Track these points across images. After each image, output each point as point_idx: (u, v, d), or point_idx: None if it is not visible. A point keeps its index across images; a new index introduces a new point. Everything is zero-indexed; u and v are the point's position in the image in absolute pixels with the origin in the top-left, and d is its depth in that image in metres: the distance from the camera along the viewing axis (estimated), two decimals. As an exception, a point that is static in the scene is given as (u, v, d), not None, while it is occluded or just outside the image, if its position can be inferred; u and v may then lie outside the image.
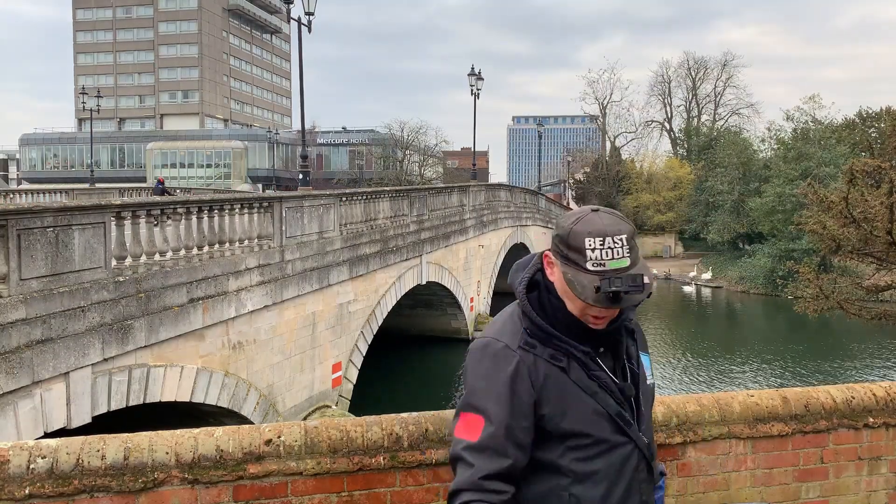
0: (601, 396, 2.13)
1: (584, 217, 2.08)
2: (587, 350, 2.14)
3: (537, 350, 2.11)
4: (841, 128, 50.12)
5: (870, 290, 19.52)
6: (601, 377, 2.15)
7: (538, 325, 2.13)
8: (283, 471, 2.95)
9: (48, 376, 8.22)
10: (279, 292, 13.40)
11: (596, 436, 2.12)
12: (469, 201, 28.81)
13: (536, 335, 2.13)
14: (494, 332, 2.18)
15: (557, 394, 2.10)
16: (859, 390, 3.94)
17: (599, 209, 2.11)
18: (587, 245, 2.01)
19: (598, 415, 2.12)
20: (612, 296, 1.99)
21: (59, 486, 2.72)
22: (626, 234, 2.04)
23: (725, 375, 25.98)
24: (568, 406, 2.10)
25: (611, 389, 2.15)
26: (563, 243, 2.06)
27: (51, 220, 8.42)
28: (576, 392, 2.11)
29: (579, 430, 2.11)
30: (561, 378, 2.11)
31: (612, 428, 2.14)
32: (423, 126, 73.27)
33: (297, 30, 23.94)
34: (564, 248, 2.06)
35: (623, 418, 2.16)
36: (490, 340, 2.15)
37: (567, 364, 2.12)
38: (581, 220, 2.06)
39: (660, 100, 77.44)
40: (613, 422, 2.14)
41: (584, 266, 2.01)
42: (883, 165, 17.01)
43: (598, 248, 2.01)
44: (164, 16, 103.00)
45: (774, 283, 40.28)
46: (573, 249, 2.04)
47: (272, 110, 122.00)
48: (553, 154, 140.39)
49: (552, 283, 2.15)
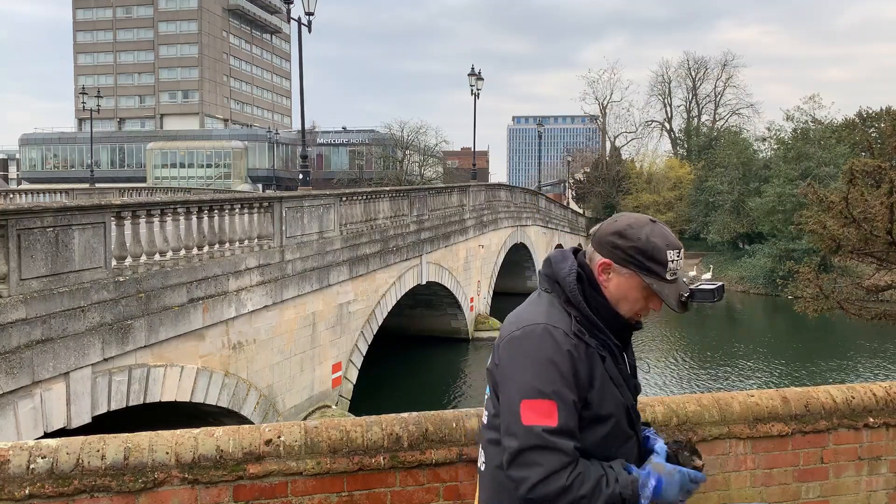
0: (624, 389, 2.27)
1: (654, 229, 2.23)
2: (619, 344, 2.29)
3: (586, 338, 2.20)
4: (841, 128, 50.06)
5: (870, 290, 19.51)
6: (624, 371, 2.31)
7: (586, 316, 2.23)
8: (283, 471, 2.95)
9: (48, 376, 8.22)
10: (279, 292, 13.40)
11: (621, 425, 2.25)
12: (469, 201, 28.80)
13: (584, 324, 2.22)
14: (546, 318, 2.21)
15: (599, 381, 2.20)
16: (859, 390, 3.94)
17: (656, 220, 2.27)
18: (669, 258, 2.20)
19: (622, 406, 2.26)
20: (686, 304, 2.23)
21: (59, 486, 2.72)
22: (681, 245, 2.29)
23: (725, 375, 25.98)
24: (605, 394, 2.20)
25: (629, 383, 2.32)
26: (643, 255, 2.20)
27: (51, 220, 8.42)
28: (609, 382, 2.22)
29: (611, 418, 2.22)
30: (600, 366, 2.21)
31: (626, 420, 2.28)
32: (423, 126, 73.21)
33: (297, 30, 23.96)
34: (644, 259, 2.20)
35: (635, 411, 2.33)
36: (546, 325, 2.18)
37: (605, 355, 2.23)
38: (655, 233, 2.22)
39: (660, 100, 77.48)
40: (629, 414, 2.29)
41: (665, 276, 2.20)
42: (883, 165, 17.01)
43: (676, 259, 2.22)
44: (164, 16, 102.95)
45: (774, 283, 40.25)
46: (655, 261, 2.20)
47: (272, 110, 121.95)
48: (553, 154, 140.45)
49: (595, 281, 2.27)
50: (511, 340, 2.21)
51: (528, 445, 2.07)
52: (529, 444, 2.07)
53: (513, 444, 2.09)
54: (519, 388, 2.12)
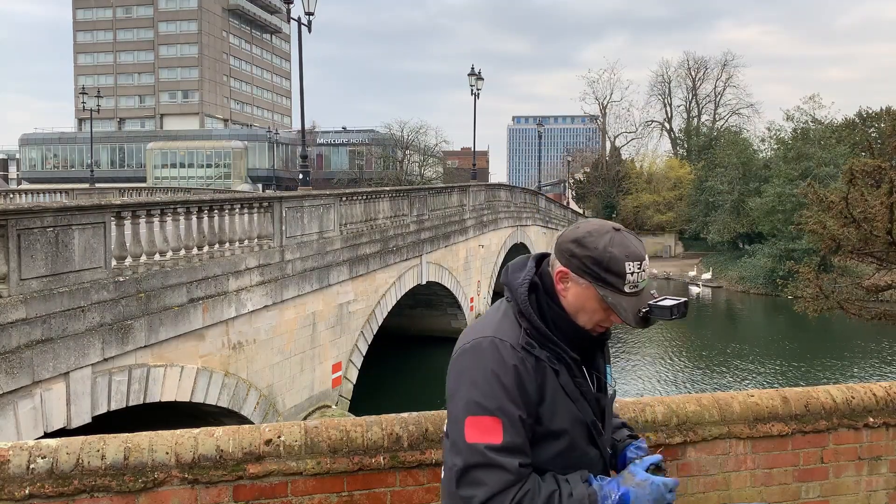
0: (581, 404, 2.16)
1: (615, 238, 2.09)
2: (576, 357, 2.16)
3: (536, 351, 2.11)
4: (841, 128, 50.07)
5: (870, 290, 19.50)
6: (583, 385, 2.18)
7: (537, 328, 2.13)
8: (283, 471, 2.95)
9: (48, 376, 8.22)
10: (279, 292, 13.40)
11: (577, 442, 2.15)
12: (469, 201, 28.81)
13: (535, 337, 2.13)
14: (494, 331, 2.13)
15: (551, 396, 2.11)
16: (859, 390, 3.94)
17: (620, 228, 2.14)
18: (628, 270, 2.06)
19: (578, 422, 2.15)
20: (647, 320, 2.09)
21: (59, 486, 2.72)
22: (646, 255, 2.12)
23: (725, 375, 25.99)
24: (557, 409, 2.11)
25: (588, 398, 2.19)
26: (599, 266, 2.06)
27: (51, 220, 8.42)
28: (563, 397, 2.12)
29: (564, 434, 2.13)
30: (553, 381, 2.11)
31: (586, 436, 2.18)
32: (422, 126, 73.28)
33: (297, 30, 23.97)
34: (600, 270, 2.06)
35: (596, 427, 2.20)
36: (493, 339, 2.11)
37: (559, 368, 2.13)
38: (615, 243, 2.07)
39: (660, 100, 77.62)
40: (588, 430, 2.18)
41: (623, 289, 2.06)
42: (883, 165, 16.99)
43: (637, 271, 2.07)
44: (164, 16, 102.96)
45: (774, 283, 40.24)
46: (612, 273, 2.06)
47: (272, 110, 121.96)
48: (553, 154, 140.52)
49: (554, 290, 2.16)
50: (460, 354, 2.15)
51: (472, 463, 2.00)
52: (473, 462, 2.00)
53: (458, 462, 2.03)
54: (464, 405, 2.06)
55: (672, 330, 35.40)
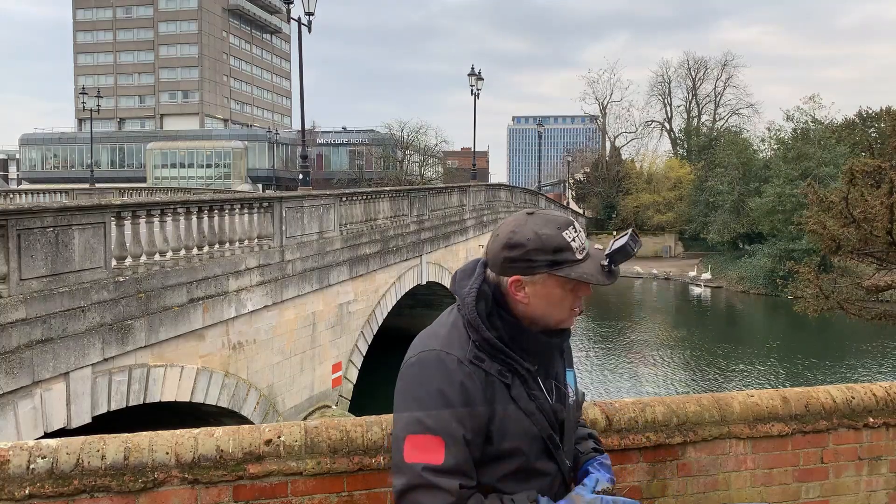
0: (537, 418, 2.07)
1: (537, 221, 2.04)
2: (530, 368, 2.07)
3: (485, 365, 2.01)
4: (841, 128, 50.04)
5: (870, 290, 19.51)
6: (539, 397, 2.08)
7: (487, 340, 2.03)
8: (283, 471, 2.94)
9: (48, 376, 8.23)
10: (279, 292, 13.40)
11: (531, 460, 2.06)
12: (469, 201, 28.82)
13: (484, 349, 2.03)
14: (441, 344, 2.03)
15: (502, 411, 2.01)
16: (859, 390, 3.93)
17: (533, 210, 2.09)
18: (568, 238, 2.01)
19: (534, 437, 2.06)
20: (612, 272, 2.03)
21: (59, 487, 2.72)
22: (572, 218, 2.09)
23: (725, 375, 26.00)
24: (508, 426, 2.02)
25: (545, 410, 2.09)
26: (543, 252, 2.00)
27: (51, 220, 8.42)
28: (515, 411, 2.03)
29: (516, 451, 2.03)
30: (505, 395, 2.02)
31: (542, 450, 2.08)
32: (423, 126, 73.34)
33: (297, 30, 23.97)
34: (546, 255, 2.00)
35: (553, 441, 2.10)
36: (440, 352, 2.00)
37: (511, 381, 2.04)
38: (539, 224, 2.03)
39: (660, 100, 77.56)
40: (545, 444, 2.09)
41: (576, 258, 2.01)
42: (883, 165, 17.00)
43: (575, 235, 2.03)
44: (164, 16, 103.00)
45: (774, 283, 40.22)
46: (559, 251, 2.00)
47: (272, 110, 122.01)
48: (553, 154, 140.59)
49: (504, 297, 2.06)
50: (407, 368, 2.05)
51: (411, 484, 1.91)
52: (412, 484, 1.91)
53: (398, 483, 1.94)
54: (405, 423, 1.96)
55: (672, 330, 35.40)
